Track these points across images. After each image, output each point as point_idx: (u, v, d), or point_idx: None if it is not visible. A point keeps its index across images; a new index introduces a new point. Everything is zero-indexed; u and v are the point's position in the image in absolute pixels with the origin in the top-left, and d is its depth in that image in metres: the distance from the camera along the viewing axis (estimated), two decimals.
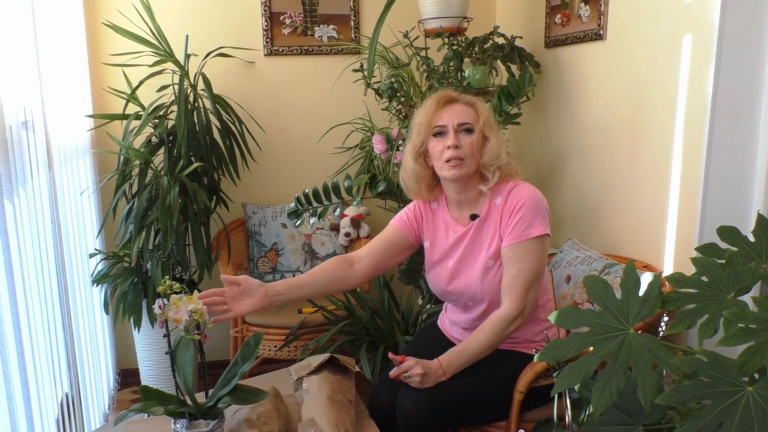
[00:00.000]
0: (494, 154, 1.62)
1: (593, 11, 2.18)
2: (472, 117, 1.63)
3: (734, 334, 1.05)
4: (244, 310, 1.58)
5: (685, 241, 1.79)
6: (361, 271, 1.75)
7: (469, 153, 1.61)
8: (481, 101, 1.69)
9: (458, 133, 1.62)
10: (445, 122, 1.63)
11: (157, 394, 1.35)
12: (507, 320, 1.58)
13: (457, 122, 1.62)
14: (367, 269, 1.76)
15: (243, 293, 1.58)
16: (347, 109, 2.87)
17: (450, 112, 1.64)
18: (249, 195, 2.91)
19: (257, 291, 1.59)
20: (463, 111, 1.64)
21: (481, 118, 1.63)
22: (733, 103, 1.65)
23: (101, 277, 2.44)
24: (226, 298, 1.56)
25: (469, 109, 1.65)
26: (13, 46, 1.69)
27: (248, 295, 1.58)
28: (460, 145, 1.61)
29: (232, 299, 1.57)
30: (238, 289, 1.58)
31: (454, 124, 1.62)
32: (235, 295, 1.58)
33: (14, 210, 1.59)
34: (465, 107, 1.65)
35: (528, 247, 1.59)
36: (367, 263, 1.76)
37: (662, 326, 1.72)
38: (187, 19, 2.75)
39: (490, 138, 1.63)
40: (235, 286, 1.58)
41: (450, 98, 1.67)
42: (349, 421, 1.47)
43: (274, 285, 1.63)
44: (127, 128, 2.45)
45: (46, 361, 1.83)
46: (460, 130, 1.62)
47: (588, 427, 1.22)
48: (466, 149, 1.61)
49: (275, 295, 1.62)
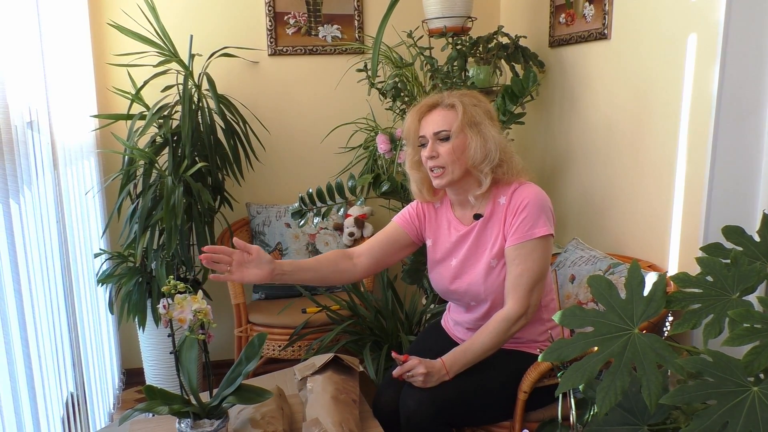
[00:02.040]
0: (477, 156, 1.59)
1: (598, 11, 2.17)
2: (448, 122, 1.60)
3: (739, 334, 1.04)
4: (246, 278, 1.57)
5: (690, 241, 1.79)
6: (360, 265, 1.75)
7: (448, 160, 1.59)
8: (470, 96, 1.65)
9: (435, 143, 1.61)
10: (423, 133, 1.63)
11: (161, 393, 1.35)
12: (511, 320, 1.58)
13: (432, 131, 1.61)
14: (366, 265, 1.75)
15: (251, 262, 1.57)
16: (351, 108, 2.87)
17: (428, 122, 1.63)
18: (253, 195, 2.92)
19: (266, 265, 1.58)
20: (440, 118, 1.61)
21: (458, 120, 1.59)
22: (738, 103, 1.64)
23: (106, 276, 2.45)
24: (233, 260, 1.56)
25: (447, 113, 1.61)
26: (19, 46, 1.70)
27: (256, 266, 1.58)
28: (437, 154, 1.60)
29: (239, 264, 1.56)
30: (247, 257, 1.57)
31: (430, 134, 1.61)
32: (243, 261, 1.57)
33: (20, 210, 1.60)
34: (444, 112, 1.62)
35: (532, 247, 1.59)
36: (366, 259, 1.75)
37: (667, 326, 1.71)
38: (191, 19, 2.75)
39: (471, 138, 1.59)
40: (246, 254, 1.57)
41: (430, 106, 1.65)
42: (353, 420, 1.47)
43: (281, 263, 1.63)
44: (131, 128, 2.46)
45: (52, 361, 1.83)
46: (437, 139, 1.61)
47: (592, 427, 1.22)
48: (444, 157, 1.59)
49: (281, 273, 1.62)
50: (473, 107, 1.62)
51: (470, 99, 1.64)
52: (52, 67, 1.99)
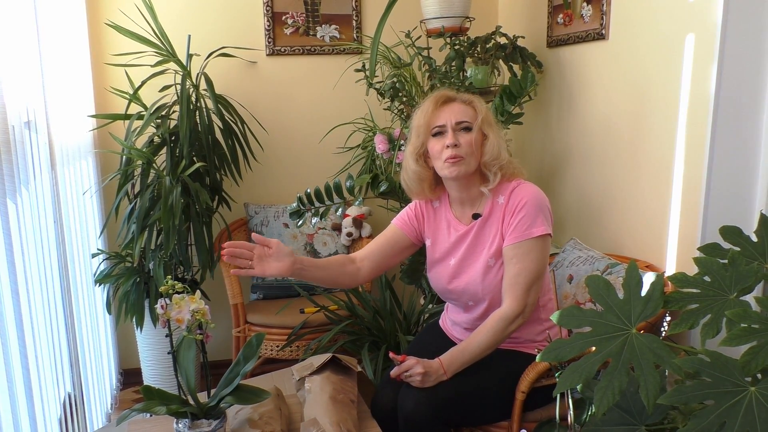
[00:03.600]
0: (494, 152, 1.62)
1: (596, 11, 2.18)
2: (470, 115, 1.63)
3: (737, 335, 1.04)
4: (268, 272, 1.57)
5: (688, 241, 1.79)
6: (363, 269, 1.76)
7: (468, 151, 1.61)
8: (479, 99, 1.69)
9: (456, 132, 1.62)
10: (443, 122, 1.63)
11: (159, 393, 1.35)
12: (508, 319, 1.58)
13: (455, 121, 1.62)
14: (369, 268, 1.76)
15: (271, 256, 1.58)
16: (349, 109, 2.87)
17: (448, 112, 1.64)
18: (251, 195, 2.92)
19: (286, 258, 1.58)
20: (460, 109, 1.64)
21: (479, 116, 1.63)
22: (735, 103, 1.65)
23: (104, 277, 2.44)
24: (253, 254, 1.57)
25: (466, 107, 1.65)
26: (16, 46, 1.70)
27: (276, 259, 1.58)
28: (458, 143, 1.61)
29: (259, 258, 1.57)
30: (267, 251, 1.58)
31: (452, 123, 1.62)
32: (263, 255, 1.58)
33: (17, 210, 1.60)
34: (463, 106, 1.65)
35: (529, 246, 1.59)
36: (368, 264, 1.76)
37: (665, 326, 1.71)
38: (189, 19, 2.75)
39: (490, 136, 1.63)
40: (266, 248, 1.58)
41: (447, 98, 1.67)
42: (351, 421, 1.47)
43: (301, 258, 1.64)
44: (129, 128, 2.46)
45: (49, 361, 1.83)
46: (459, 129, 1.62)
47: (590, 427, 1.22)
48: (465, 147, 1.61)
49: (300, 268, 1.62)
50: (486, 109, 1.66)
51: (479, 100, 1.68)
52: (50, 67, 1.98)
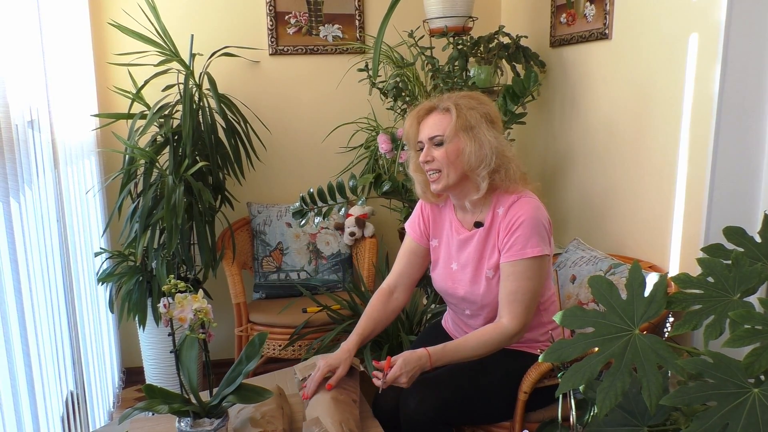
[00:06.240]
0: (472, 160, 1.57)
1: (599, 10, 2.17)
2: (442, 127, 1.59)
3: (740, 336, 1.04)
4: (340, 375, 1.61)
5: (691, 242, 1.78)
6: (401, 297, 1.80)
7: (444, 164, 1.59)
8: (470, 99, 1.63)
9: (431, 147, 1.61)
10: (421, 137, 1.64)
11: (161, 392, 1.35)
12: (507, 335, 1.58)
13: (427, 137, 1.62)
14: (404, 293, 1.80)
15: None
16: (352, 108, 2.87)
17: (425, 126, 1.63)
18: (254, 194, 2.92)
19: (347, 361, 1.62)
20: (435, 122, 1.61)
21: (450, 125, 1.58)
22: (739, 103, 1.64)
23: (106, 275, 2.45)
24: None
25: (443, 117, 1.60)
26: (19, 46, 1.70)
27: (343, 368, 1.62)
28: (432, 158, 1.60)
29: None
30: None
31: (426, 139, 1.62)
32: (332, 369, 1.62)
33: (20, 209, 1.60)
34: (439, 117, 1.61)
35: (525, 266, 1.57)
36: (401, 289, 1.80)
37: (667, 327, 1.71)
38: (192, 18, 2.75)
39: (466, 143, 1.57)
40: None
41: (428, 110, 1.65)
42: (353, 420, 1.47)
43: (354, 341, 1.69)
44: (132, 127, 2.46)
45: (52, 360, 1.83)
46: (432, 144, 1.61)
47: (592, 428, 1.22)
48: (440, 161, 1.59)
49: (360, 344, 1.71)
50: (470, 110, 1.59)
51: (468, 101, 1.62)
52: (53, 67, 1.99)
